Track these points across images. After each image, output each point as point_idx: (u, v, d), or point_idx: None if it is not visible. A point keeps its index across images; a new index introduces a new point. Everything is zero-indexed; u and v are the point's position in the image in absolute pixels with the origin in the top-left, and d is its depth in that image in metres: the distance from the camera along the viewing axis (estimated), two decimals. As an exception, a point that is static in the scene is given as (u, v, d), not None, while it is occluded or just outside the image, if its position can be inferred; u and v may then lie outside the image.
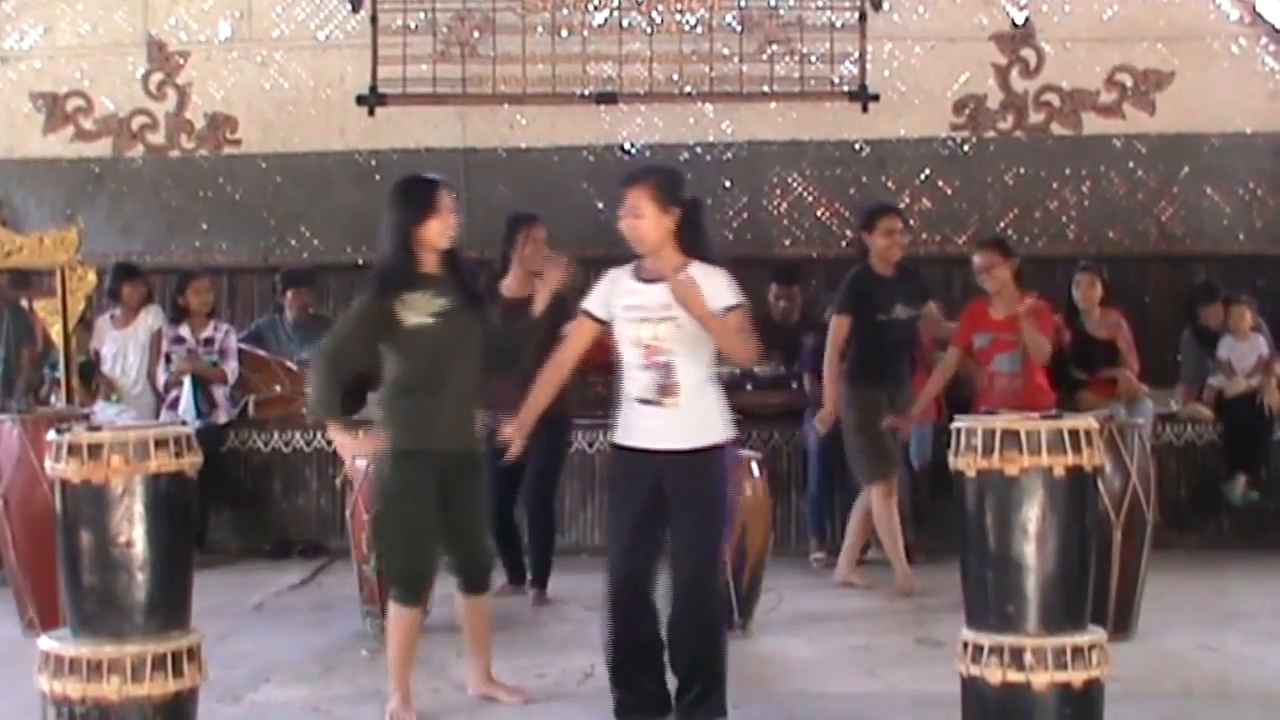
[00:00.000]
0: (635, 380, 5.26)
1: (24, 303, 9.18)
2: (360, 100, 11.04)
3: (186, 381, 9.03)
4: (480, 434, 5.69)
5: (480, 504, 5.73)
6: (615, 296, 5.37)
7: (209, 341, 9.18)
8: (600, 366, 9.45)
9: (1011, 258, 7.81)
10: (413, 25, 11.04)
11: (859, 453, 7.89)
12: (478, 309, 5.67)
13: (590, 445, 9.09)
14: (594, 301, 5.42)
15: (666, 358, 5.18)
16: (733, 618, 6.85)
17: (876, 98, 10.97)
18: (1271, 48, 10.90)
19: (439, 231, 5.56)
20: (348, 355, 5.64)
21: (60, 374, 8.32)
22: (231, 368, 9.22)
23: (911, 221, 10.68)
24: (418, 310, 5.47)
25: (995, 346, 7.68)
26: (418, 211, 5.55)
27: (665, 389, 5.18)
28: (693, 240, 5.28)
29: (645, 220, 5.24)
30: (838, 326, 7.88)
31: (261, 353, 9.63)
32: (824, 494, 8.85)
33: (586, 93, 11.05)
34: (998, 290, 7.72)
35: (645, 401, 5.22)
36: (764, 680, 6.16)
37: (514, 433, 5.54)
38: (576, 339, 5.50)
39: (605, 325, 5.39)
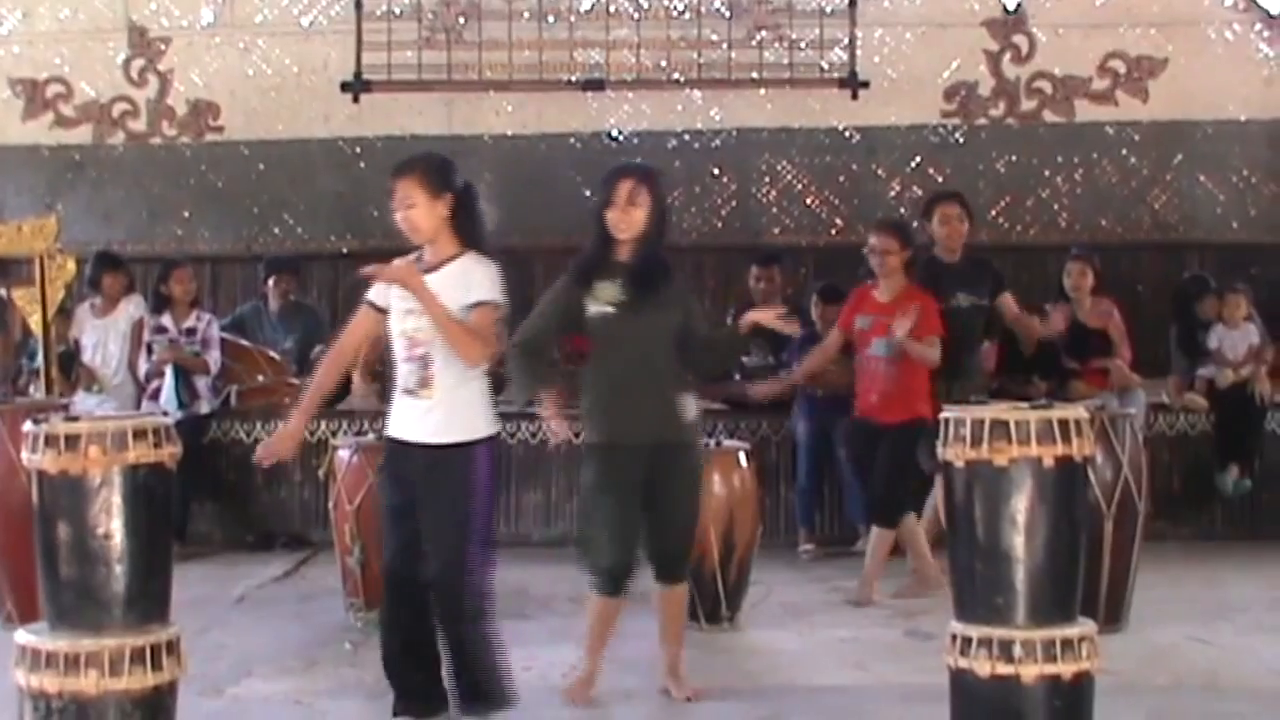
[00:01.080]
0: (400, 372, 5.21)
1: (2, 292, 9.11)
2: (345, 87, 10.97)
3: (168, 372, 8.96)
4: (684, 423, 5.57)
5: (685, 493, 5.63)
6: (391, 286, 5.31)
7: (191, 331, 9.09)
8: (580, 356, 9.48)
9: (908, 247, 7.72)
10: (397, 11, 10.97)
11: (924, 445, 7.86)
12: (666, 301, 5.55)
13: (577, 435, 9.00)
14: (375, 291, 5.31)
15: (425, 350, 5.13)
16: (720, 610, 6.82)
17: (866, 84, 10.92)
18: (1265, 34, 10.87)
19: (613, 221, 5.55)
20: (540, 341, 5.75)
21: (39, 364, 8.24)
22: (214, 358, 9.13)
23: (902, 210, 10.71)
24: (599, 299, 5.53)
25: (875, 329, 7.58)
26: (603, 200, 5.61)
27: (423, 381, 5.14)
28: (465, 227, 5.27)
29: (417, 209, 5.19)
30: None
31: (244, 342, 9.56)
32: (813, 485, 8.80)
33: (573, 79, 10.99)
34: (886, 275, 7.64)
35: (407, 393, 5.17)
36: (752, 673, 6.12)
37: (293, 427, 5.26)
38: (357, 327, 5.34)
39: (384, 314, 5.27)
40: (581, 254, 5.71)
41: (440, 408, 5.08)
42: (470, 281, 5.14)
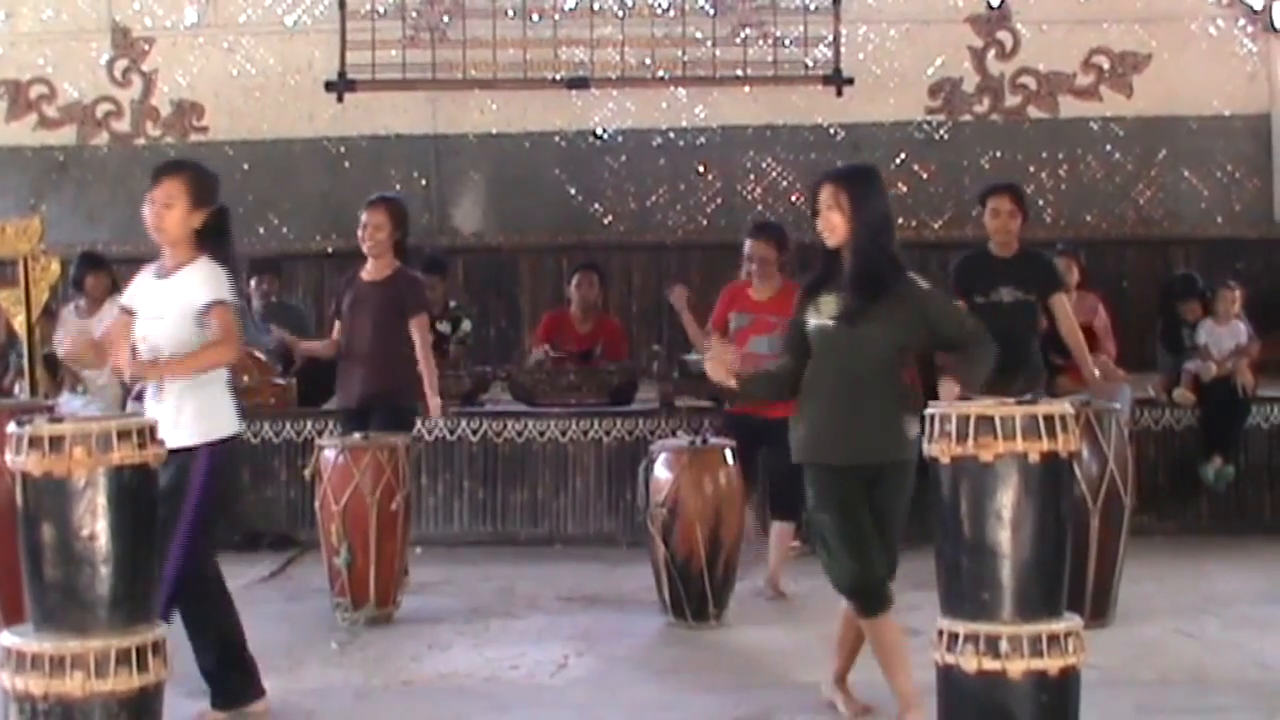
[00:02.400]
0: None
1: (-14, 294, 9.06)
2: (329, 86, 10.96)
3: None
4: (896, 442, 5.14)
5: (893, 515, 5.26)
6: (136, 291, 5.45)
7: (176, 331, 9.05)
8: (576, 356, 9.49)
9: (786, 250, 7.74)
10: (381, 10, 10.97)
11: None
12: (887, 313, 5.12)
13: (563, 434, 9.03)
14: (126, 294, 5.48)
15: (156, 355, 5.25)
16: (708, 607, 6.81)
17: (851, 81, 10.94)
18: (1249, 29, 10.89)
19: (819, 228, 5.27)
20: (788, 351, 5.42)
21: (24, 365, 8.20)
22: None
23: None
24: (821, 312, 5.23)
25: (754, 327, 7.58)
26: (810, 208, 5.36)
27: (159, 385, 5.26)
28: (213, 242, 5.36)
29: (174, 212, 5.28)
30: None
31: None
32: (799, 481, 8.77)
33: (558, 77, 10.99)
34: (763, 279, 7.66)
35: (149, 396, 5.31)
36: (740, 670, 6.12)
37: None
38: (114, 330, 5.47)
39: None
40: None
41: (169, 412, 5.14)
42: (201, 284, 5.27)
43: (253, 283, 9.98)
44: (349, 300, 7.66)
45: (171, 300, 5.30)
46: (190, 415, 5.22)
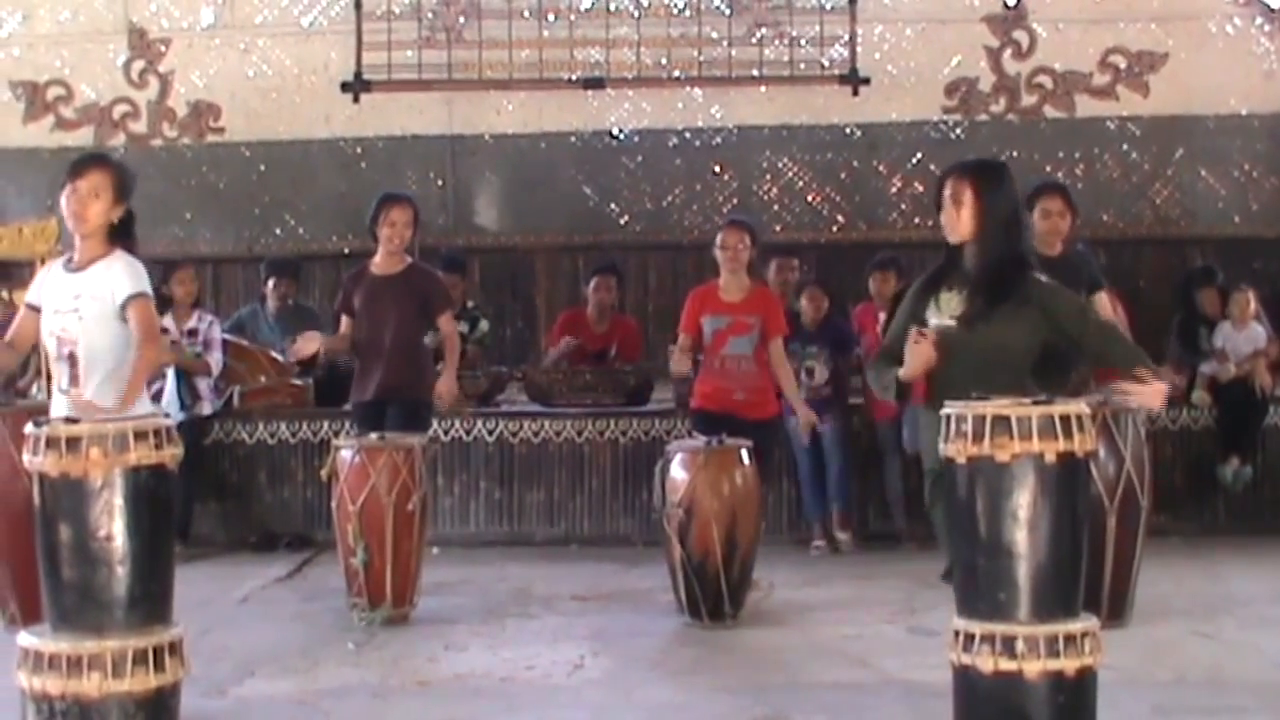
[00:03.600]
0: (54, 370, 5.43)
1: (4, 294, 9.10)
2: (345, 87, 10.97)
3: (169, 373, 8.95)
4: None
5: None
6: (44, 286, 5.49)
7: (193, 332, 9.07)
8: (591, 356, 9.49)
9: (756, 244, 7.75)
10: (397, 11, 10.97)
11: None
12: (1014, 314, 5.00)
13: (579, 434, 9.04)
14: (31, 291, 5.54)
15: (71, 348, 5.32)
16: (723, 607, 6.81)
17: (867, 81, 10.92)
18: (1267, 28, 10.85)
19: (942, 224, 5.19)
20: (895, 351, 5.29)
21: (41, 366, 8.23)
22: (216, 359, 9.10)
23: (903, 206, 10.72)
24: (942, 310, 5.10)
25: (732, 329, 7.59)
26: (935, 203, 5.27)
27: (73, 379, 5.32)
28: (126, 243, 5.51)
29: (100, 203, 5.36)
30: None
31: (246, 343, 9.55)
32: (818, 481, 8.78)
33: (574, 78, 10.98)
34: (734, 271, 7.67)
35: (60, 391, 5.36)
36: (756, 670, 6.11)
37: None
38: (19, 326, 5.60)
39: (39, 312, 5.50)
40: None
41: (92, 408, 5.15)
42: (123, 275, 5.38)
43: (270, 284, 10.00)
44: (362, 295, 7.66)
45: (90, 293, 5.37)
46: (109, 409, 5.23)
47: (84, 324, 5.36)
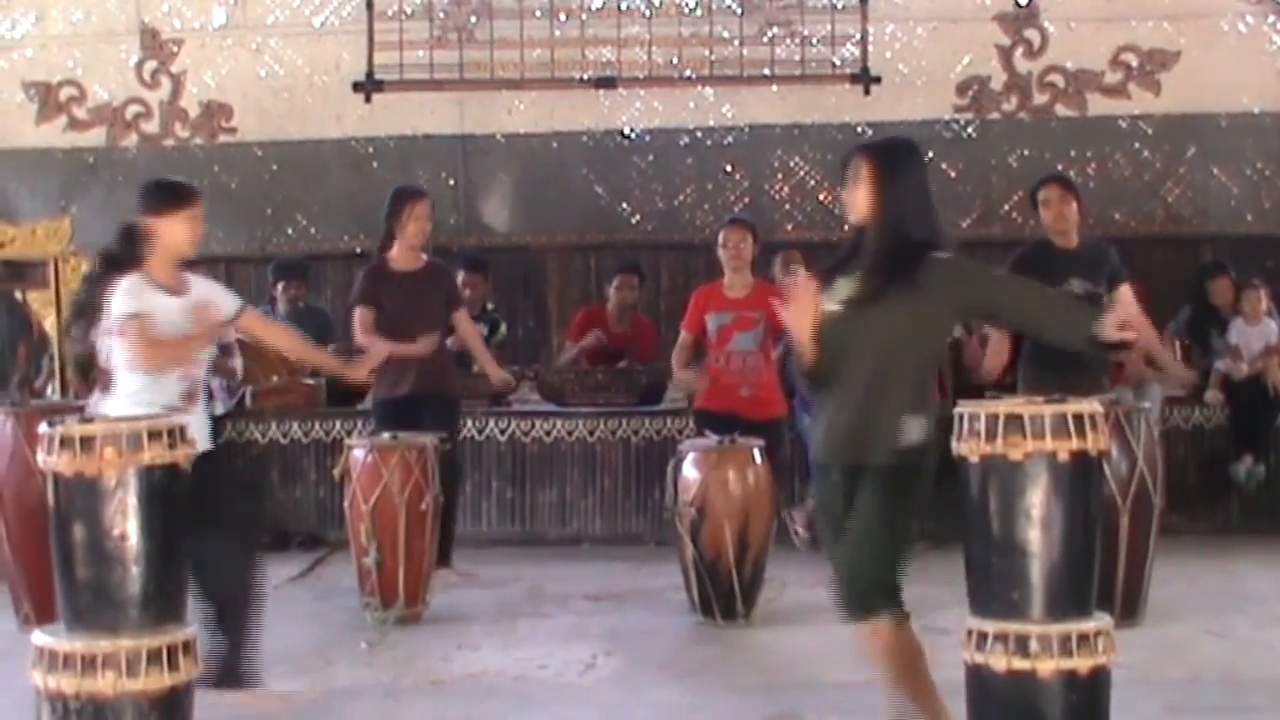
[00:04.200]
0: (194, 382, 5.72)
1: (17, 294, 9.11)
2: (357, 87, 10.98)
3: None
4: (893, 445, 4.57)
5: (868, 522, 4.63)
6: (157, 307, 5.60)
7: (205, 333, 9.07)
8: (608, 354, 9.49)
9: (758, 243, 7.78)
10: (409, 10, 10.97)
11: None
12: (910, 297, 4.54)
13: (591, 434, 9.04)
14: (130, 304, 5.57)
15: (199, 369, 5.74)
16: (736, 606, 6.81)
17: (879, 80, 10.91)
18: (1278, 25, 10.82)
19: (845, 202, 4.87)
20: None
21: (55, 366, 8.26)
22: (237, 364, 9.09)
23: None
24: (834, 295, 4.68)
25: (737, 324, 7.61)
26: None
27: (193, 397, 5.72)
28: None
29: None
30: None
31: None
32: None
33: (585, 77, 10.98)
34: (737, 269, 7.69)
35: (180, 408, 5.50)
36: (768, 669, 6.12)
37: None
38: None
39: None
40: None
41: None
42: (222, 293, 5.92)
43: (279, 287, 10.00)
44: (390, 292, 7.66)
45: (200, 316, 5.61)
46: None
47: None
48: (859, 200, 4.71)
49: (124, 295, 5.52)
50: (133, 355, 5.55)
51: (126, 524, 4.19)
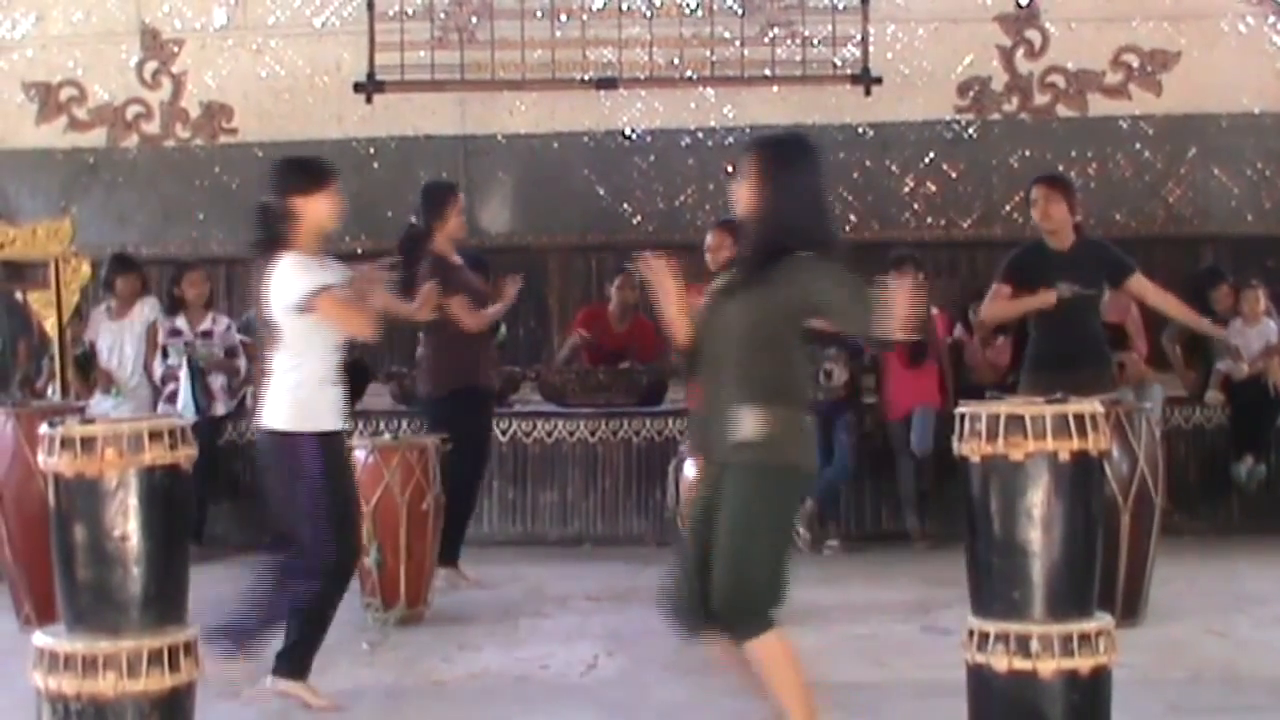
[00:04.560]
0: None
1: (18, 295, 9.12)
2: (357, 87, 10.98)
3: (184, 374, 8.96)
4: (731, 441, 4.43)
5: (727, 526, 4.45)
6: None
7: (207, 334, 9.09)
8: (609, 354, 9.49)
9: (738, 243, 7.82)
10: (410, 11, 10.98)
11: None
12: (758, 292, 4.46)
13: (592, 434, 9.04)
14: (333, 276, 5.61)
15: None
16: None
17: (879, 80, 10.91)
18: (1279, 26, 10.82)
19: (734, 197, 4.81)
20: None
21: (55, 366, 8.26)
22: (242, 365, 9.11)
23: (916, 206, 10.71)
24: (713, 287, 4.70)
25: None
26: None
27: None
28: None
29: None
30: (994, 293, 7.43)
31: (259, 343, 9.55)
32: (831, 481, 8.78)
33: (586, 78, 10.99)
34: (719, 271, 7.71)
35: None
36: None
37: None
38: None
39: None
40: None
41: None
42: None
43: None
44: (457, 280, 7.68)
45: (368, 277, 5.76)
46: (274, 400, 5.62)
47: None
48: (742, 195, 4.65)
49: (303, 271, 5.47)
50: (342, 325, 5.55)
51: (127, 525, 4.19)
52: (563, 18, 11.00)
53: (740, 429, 4.39)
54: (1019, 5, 10.95)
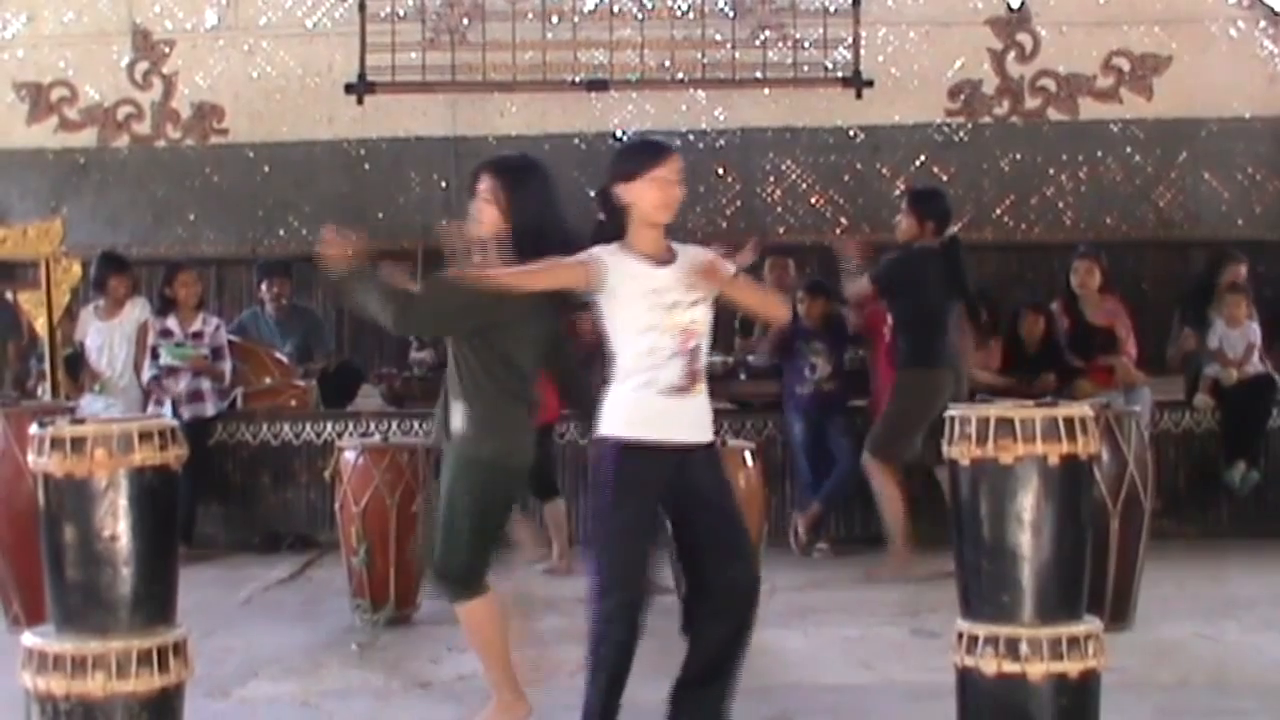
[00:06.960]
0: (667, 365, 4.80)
1: (8, 295, 9.11)
2: (349, 89, 10.99)
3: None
4: (451, 430, 5.05)
5: (439, 510, 5.16)
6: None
7: (198, 335, 9.06)
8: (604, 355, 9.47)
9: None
10: (401, 12, 10.99)
11: (883, 425, 7.93)
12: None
13: (581, 437, 9.04)
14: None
15: (696, 341, 4.82)
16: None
17: (871, 83, 10.93)
18: (1270, 31, 10.87)
19: (475, 216, 5.20)
20: None
21: (45, 366, 8.25)
22: (226, 367, 9.07)
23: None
24: None
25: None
26: None
27: (693, 375, 4.84)
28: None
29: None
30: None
31: (250, 344, 9.54)
32: (818, 485, 8.77)
33: (577, 80, 11.00)
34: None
35: (676, 390, 4.81)
36: (758, 672, 6.07)
37: None
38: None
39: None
40: None
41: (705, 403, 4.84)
42: None
43: (263, 287, 9.96)
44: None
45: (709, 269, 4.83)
46: None
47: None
48: (488, 217, 5.09)
49: None
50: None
51: (117, 525, 4.18)
52: (554, 20, 11.01)
53: (453, 421, 5.00)
54: (1010, 9, 10.98)
